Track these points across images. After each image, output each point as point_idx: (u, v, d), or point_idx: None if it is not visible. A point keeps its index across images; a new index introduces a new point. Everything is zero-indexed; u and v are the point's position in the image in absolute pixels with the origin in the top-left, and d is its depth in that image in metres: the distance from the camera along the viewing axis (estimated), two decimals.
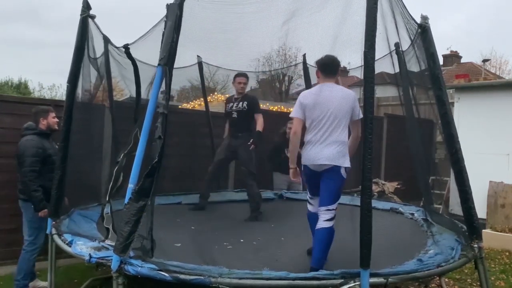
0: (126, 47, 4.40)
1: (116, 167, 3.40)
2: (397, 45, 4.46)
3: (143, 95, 4.69)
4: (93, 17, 3.93)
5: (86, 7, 3.87)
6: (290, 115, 3.61)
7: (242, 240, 4.21)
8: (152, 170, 2.79)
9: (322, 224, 3.37)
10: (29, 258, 4.08)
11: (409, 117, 4.96)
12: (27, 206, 4.08)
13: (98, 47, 4.52)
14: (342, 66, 3.83)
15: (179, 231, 4.36)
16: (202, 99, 7.35)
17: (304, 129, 3.55)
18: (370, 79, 2.69)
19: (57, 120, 4.24)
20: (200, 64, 6.53)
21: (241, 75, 5.58)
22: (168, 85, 2.90)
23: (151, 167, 2.79)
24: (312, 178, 3.53)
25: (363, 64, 2.71)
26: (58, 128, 4.19)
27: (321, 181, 3.45)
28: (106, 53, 4.72)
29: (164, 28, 2.98)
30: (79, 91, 4.21)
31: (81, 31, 3.89)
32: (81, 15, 3.85)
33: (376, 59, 2.77)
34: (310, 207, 3.67)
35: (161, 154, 2.82)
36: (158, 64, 2.93)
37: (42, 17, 48.63)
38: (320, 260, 3.25)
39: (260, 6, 3.72)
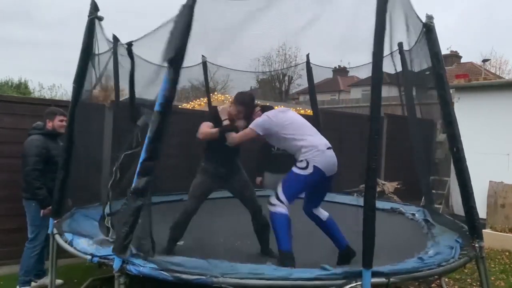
0: (130, 44, 4.43)
1: (116, 165, 3.38)
2: (400, 45, 4.45)
3: (141, 94, 4.69)
4: (100, 18, 3.87)
5: (94, 8, 3.81)
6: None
7: (238, 242, 4.24)
8: (148, 169, 2.74)
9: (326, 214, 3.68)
10: (30, 255, 4.10)
11: (410, 116, 4.96)
12: (28, 204, 4.11)
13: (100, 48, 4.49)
14: (342, 66, 4.02)
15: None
16: (202, 99, 7.35)
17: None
18: (377, 79, 2.65)
19: (64, 124, 4.21)
20: (204, 64, 6.50)
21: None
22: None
23: (145, 166, 2.74)
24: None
25: (372, 63, 2.65)
26: (64, 132, 4.16)
27: (324, 186, 3.58)
28: (115, 54, 4.68)
29: (174, 29, 2.87)
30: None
31: (88, 33, 3.83)
32: (88, 16, 3.81)
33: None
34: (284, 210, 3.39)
35: (156, 152, 2.76)
36: (168, 64, 2.81)
37: (36, 17, 48.78)
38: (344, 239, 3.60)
39: (260, 5, 3.70)
